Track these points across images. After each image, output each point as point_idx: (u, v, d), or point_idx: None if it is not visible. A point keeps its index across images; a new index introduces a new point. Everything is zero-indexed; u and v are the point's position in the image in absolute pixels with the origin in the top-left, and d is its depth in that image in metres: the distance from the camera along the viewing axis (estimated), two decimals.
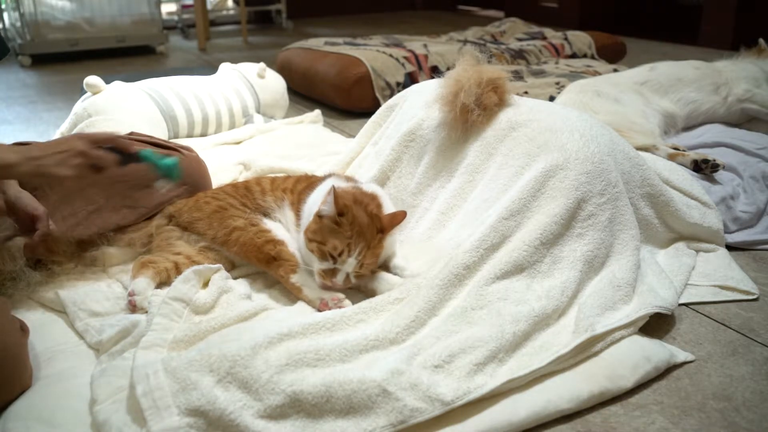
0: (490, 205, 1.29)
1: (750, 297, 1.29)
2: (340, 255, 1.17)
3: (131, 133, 1.64)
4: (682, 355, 1.10)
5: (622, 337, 1.10)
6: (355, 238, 1.17)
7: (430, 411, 0.93)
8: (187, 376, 0.92)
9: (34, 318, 1.21)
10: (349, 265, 1.17)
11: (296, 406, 0.91)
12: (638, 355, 1.06)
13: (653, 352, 1.07)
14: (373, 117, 1.77)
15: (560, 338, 1.08)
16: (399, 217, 1.23)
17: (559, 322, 1.13)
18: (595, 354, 1.07)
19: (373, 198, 1.28)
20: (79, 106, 2.11)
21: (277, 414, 0.90)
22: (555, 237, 1.21)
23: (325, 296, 1.19)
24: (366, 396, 0.92)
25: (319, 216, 1.21)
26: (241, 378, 0.93)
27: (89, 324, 1.16)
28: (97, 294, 1.25)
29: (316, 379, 0.93)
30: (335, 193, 1.18)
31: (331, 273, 1.18)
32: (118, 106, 2.06)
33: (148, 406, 0.90)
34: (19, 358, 1.00)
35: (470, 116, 1.42)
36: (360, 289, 1.25)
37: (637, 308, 1.15)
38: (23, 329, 1.07)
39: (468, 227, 1.28)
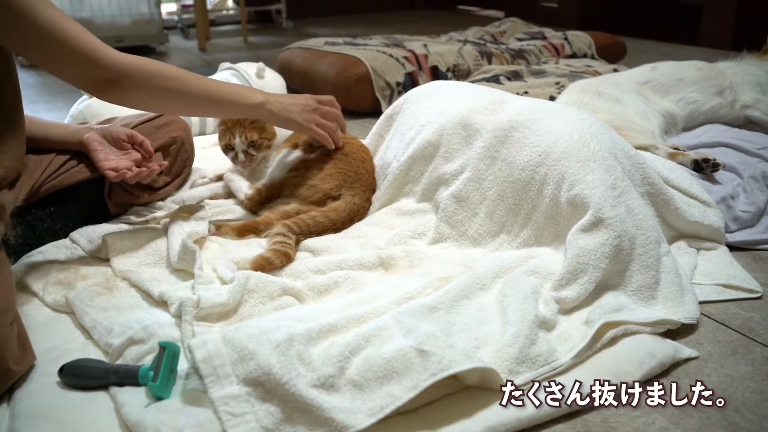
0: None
1: (754, 295, 1.28)
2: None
3: (113, 119, 1.65)
4: (686, 351, 1.09)
5: (635, 333, 1.10)
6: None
7: (469, 363, 0.94)
8: (245, 346, 0.94)
9: (40, 316, 1.20)
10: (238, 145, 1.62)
11: (344, 378, 0.93)
12: (643, 352, 1.06)
13: (657, 348, 1.07)
14: (375, 129, 1.78)
15: (578, 332, 1.09)
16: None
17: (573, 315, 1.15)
18: (600, 350, 1.07)
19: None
20: (75, 109, 2.10)
21: (328, 385, 0.92)
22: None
23: None
24: (405, 360, 0.94)
25: None
26: (296, 351, 0.94)
27: (97, 320, 1.14)
28: (105, 298, 1.23)
29: (358, 359, 0.96)
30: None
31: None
32: (114, 110, 2.05)
33: (208, 373, 0.92)
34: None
35: None
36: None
37: (661, 313, 1.15)
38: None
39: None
